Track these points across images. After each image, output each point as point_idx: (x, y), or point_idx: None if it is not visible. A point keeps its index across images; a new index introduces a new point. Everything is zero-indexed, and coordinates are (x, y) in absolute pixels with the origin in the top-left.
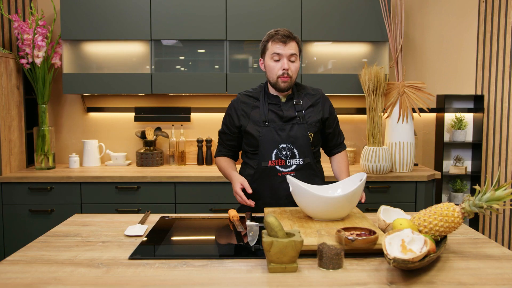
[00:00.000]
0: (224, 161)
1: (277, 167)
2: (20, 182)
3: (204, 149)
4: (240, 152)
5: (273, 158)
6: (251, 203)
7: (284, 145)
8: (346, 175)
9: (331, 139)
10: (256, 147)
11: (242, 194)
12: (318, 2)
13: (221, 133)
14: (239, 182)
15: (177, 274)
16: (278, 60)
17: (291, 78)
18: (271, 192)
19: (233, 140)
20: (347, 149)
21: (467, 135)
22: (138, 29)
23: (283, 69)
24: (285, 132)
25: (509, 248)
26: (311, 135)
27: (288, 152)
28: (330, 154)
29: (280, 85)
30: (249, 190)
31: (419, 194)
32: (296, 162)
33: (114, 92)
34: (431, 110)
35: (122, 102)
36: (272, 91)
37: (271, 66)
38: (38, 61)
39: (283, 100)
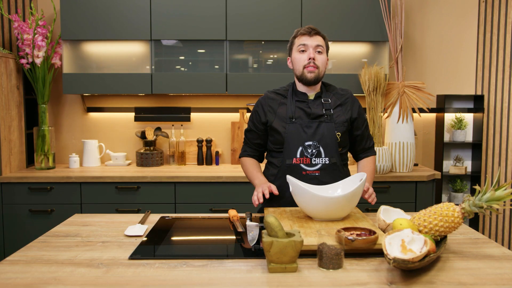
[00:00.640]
0: (251, 162)
1: (302, 165)
2: (20, 182)
3: (204, 149)
4: (265, 154)
5: (298, 156)
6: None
7: (310, 142)
8: (368, 181)
9: (359, 142)
10: (281, 144)
11: (261, 196)
12: (318, 2)
13: (247, 131)
14: (269, 185)
15: (177, 274)
16: (304, 51)
17: (318, 68)
18: None
19: (259, 139)
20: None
21: (467, 135)
22: (138, 29)
23: (309, 58)
24: (311, 129)
25: (509, 248)
26: (338, 135)
27: (314, 150)
28: (357, 158)
29: (307, 76)
30: (276, 192)
31: (419, 194)
32: (322, 162)
33: (114, 92)
34: (431, 110)
35: (122, 102)
36: (300, 88)
37: (297, 58)
38: (38, 61)
39: (311, 97)
